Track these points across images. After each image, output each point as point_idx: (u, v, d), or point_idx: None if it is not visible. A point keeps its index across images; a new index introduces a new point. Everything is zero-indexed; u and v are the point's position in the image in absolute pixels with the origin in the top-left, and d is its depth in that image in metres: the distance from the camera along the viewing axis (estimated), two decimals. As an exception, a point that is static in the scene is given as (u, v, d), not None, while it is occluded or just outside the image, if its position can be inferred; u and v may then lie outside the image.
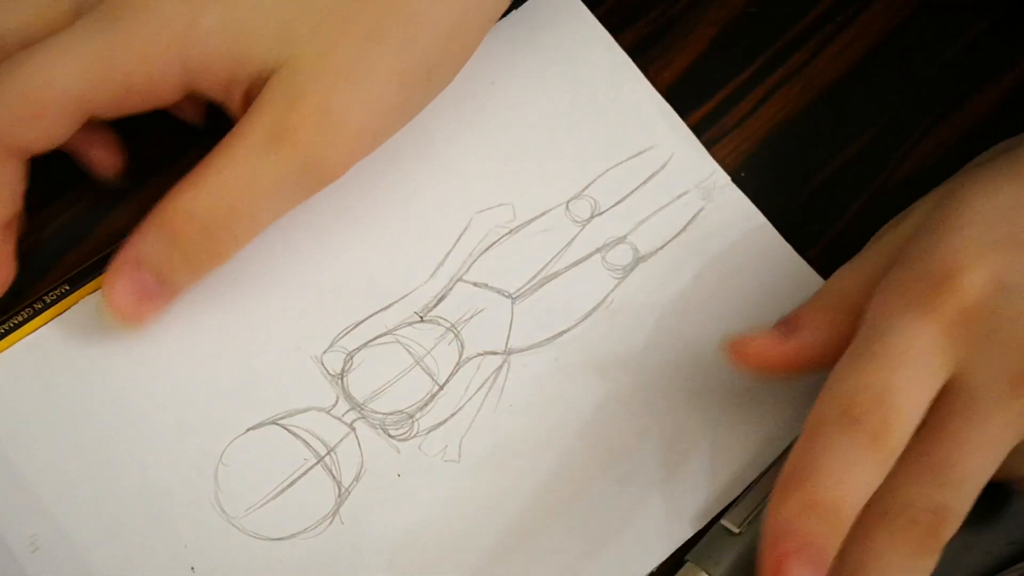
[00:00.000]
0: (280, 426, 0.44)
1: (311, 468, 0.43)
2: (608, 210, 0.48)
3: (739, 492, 0.44)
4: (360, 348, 0.45)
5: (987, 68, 0.52)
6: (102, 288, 0.43)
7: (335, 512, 0.43)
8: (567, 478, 0.44)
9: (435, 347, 0.45)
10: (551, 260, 0.47)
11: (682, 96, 0.50)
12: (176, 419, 0.44)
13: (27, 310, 0.44)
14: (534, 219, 0.48)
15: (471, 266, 0.47)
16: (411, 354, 0.45)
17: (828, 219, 0.49)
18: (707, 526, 0.44)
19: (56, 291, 0.45)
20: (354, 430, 0.44)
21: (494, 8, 0.45)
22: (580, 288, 0.47)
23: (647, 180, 0.49)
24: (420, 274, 0.46)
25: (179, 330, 0.45)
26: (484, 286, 0.46)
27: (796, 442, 0.38)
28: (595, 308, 0.47)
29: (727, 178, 0.49)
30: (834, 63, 0.51)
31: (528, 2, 0.51)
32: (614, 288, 0.47)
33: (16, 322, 0.44)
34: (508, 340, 0.46)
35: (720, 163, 0.49)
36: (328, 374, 0.45)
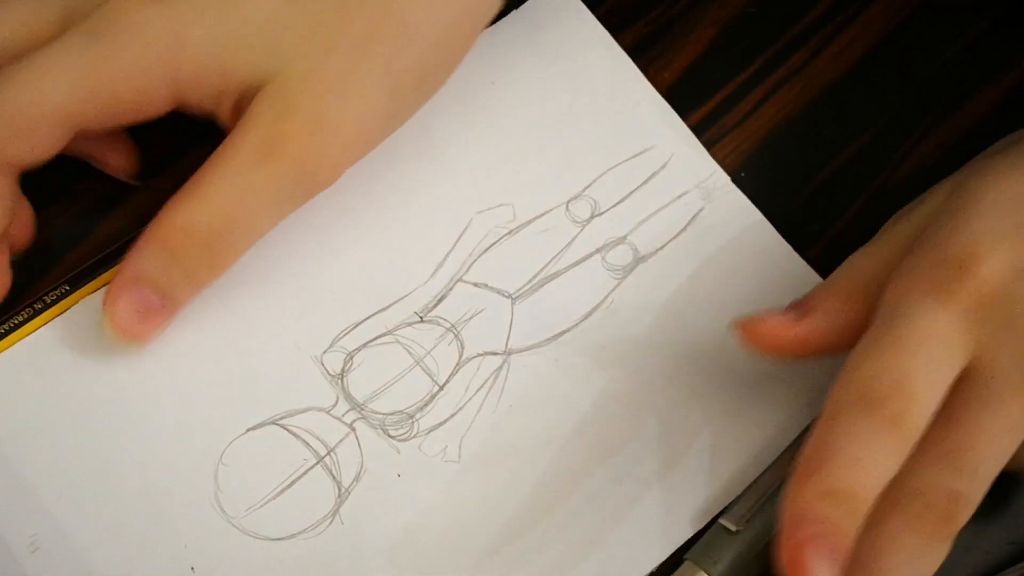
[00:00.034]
0: (280, 426, 0.44)
1: (311, 468, 0.43)
2: (608, 210, 0.48)
3: (739, 492, 0.44)
4: (360, 348, 0.45)
5: (987, 68, 0.52)
6: (103, 308, 0.42)
7: (335, 512, 0.43)
8: (567, 478, 0.44)
9: (435, 347, 0.45)
10: (551, 260, 0.47)
11: (682, 96, 0.50)
12: (176, 419, 0.44)
13: (27, 310, 0.44)
14: (534, 219, 0.48)
15: (471, 266, 0.47)
16: (411, 354, 0.45)
17: (828, 219, 0.49)
18: (707, 526, 0.44)
19: (56, 291, 0.44)
20: (354, 430, 0.44)
21: (484, 14, 0.45)
22: (580, 288, 0.47)
23: (647, 180, 0.49)
24: (420, 274, 0.46)
25: (179, 330, 0.44)
26: (484, 286, 0.46)
27: (813, 427, 0.38)
28: (595, 308, 0.47)
29: (727, 178, 0.49)
30: (834, 63, 0.51)
31: (528, 2, 0.51)
32: (614, 288, 0.47)
33: (16, 322, 0.44)
34: (508, 340, 0.46)
35: (720, 163, 0.49)
36: (328, 374, 0.45)
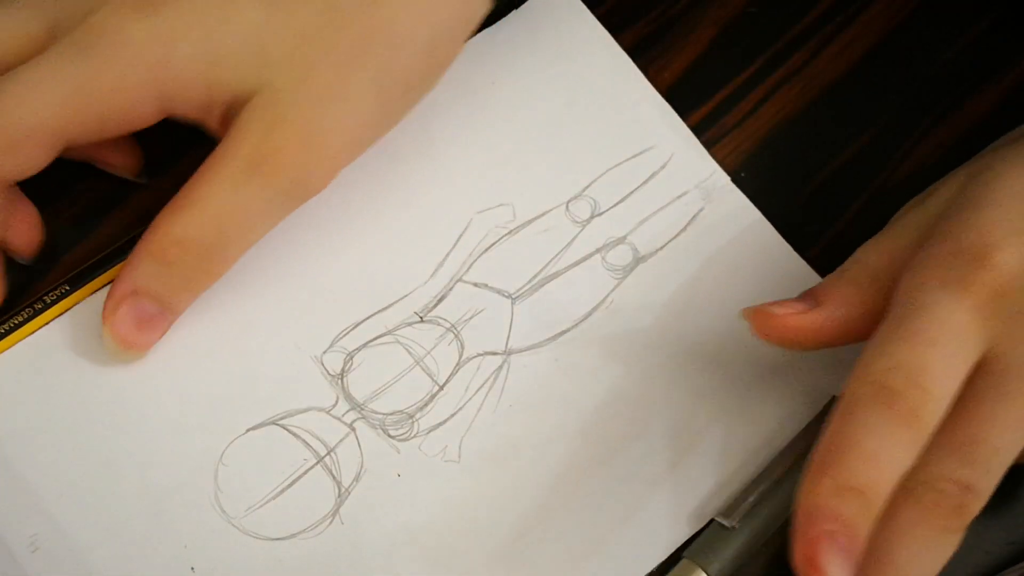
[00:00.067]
0: (280, 426, 0.44)
1: (311, 468, 0.43)
2: (608, 210, 0.48)
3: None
4: (360, 348, 0.45)
5: (987, 68, 0.52)
6: (103, 321, 0.43)
7: (335, 512, 0.43)
8: (567, 478, 0.44)
9: (435, 347, 0.45)
10: (551, 260, 0.47)
11: (682, 96, 0.50)
12: (176, 419, 0.44)
13: (27, 310, 0.44)
14: (534, 219, 0.48)
15: (471, 266, 0.47)
16: (411, 354, 0.45)
17: (828, 219, 0.49)
18: (708, 524, 0.44)
19: (56, 291, 0.44)
20: (354, 430, 0.44)
21: (473, 17, 0.45)
22: (580, 288, 0.47)
23: (647, 180, 0.49)
24: (420, 274, 0.46)
25: (180, 331, 0.44)
26: (484, 286, 0.46)
27: (823, 422, 0.38)
28: (595, 308, 0.47)
29: (727, 178, 0.49)
30: (834, 63, 0.51)
31: (528, 2, 0.51)
32: (614, 288, 0.47)
33: (16, 322, 0.44)
34: (508, 340, 0.46)
35: (720, 163, 0.49)
36: (328, 374, 0.45)
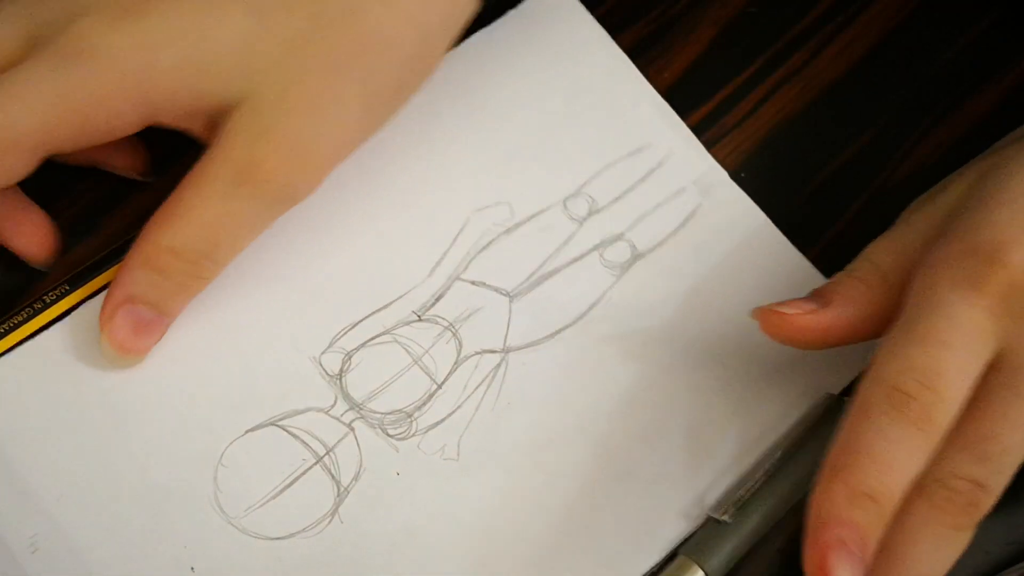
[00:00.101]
0: (279, 427, 0.44)
1: (310, 468, 0.43)
2: (606, 207, 0.48)
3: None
4: (358, 348, 0.45)
5: (987, 68, 0.52)
6: (101, 328, 0.43)
7: (334, 511, 0.43)
8: (566, 475, 0.44)
9: (433, 346, 0.45)
10: (549, 258, 0.47)
11: (682, 96, 0.50)
12: (175, 421, 0.44)
13: (27, 310, 0.44)
14: (532, 217, 0.48)
15: (469, 264, 0.47)
16: (409, 353, 0.45)
17: (828, 219, 0.49)
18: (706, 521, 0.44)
19: (56, 291, 0.45)
20: (353, 430, 0.44)
21: (458, 21, 0.44)
22: (578, 286, 0.47)
23: (645, 177, 0.49)
24: (418, 273, 0.46)
25: (178, 332, 0.45)
26: (482, 284, 0.46)
27: (842, 423, 0.38)
28: (593, 305, 0.47)
29: (725, 174, 0.49)
30: (834, 63, 0.51)
31: (525, 2, 0.51)
32: (612, 285, 0.47)
33: (16, 321, 0.44)
34: (506, 338, 0.46)
35: (720, 163, 0.49)
36: (326, 374, 0.45)
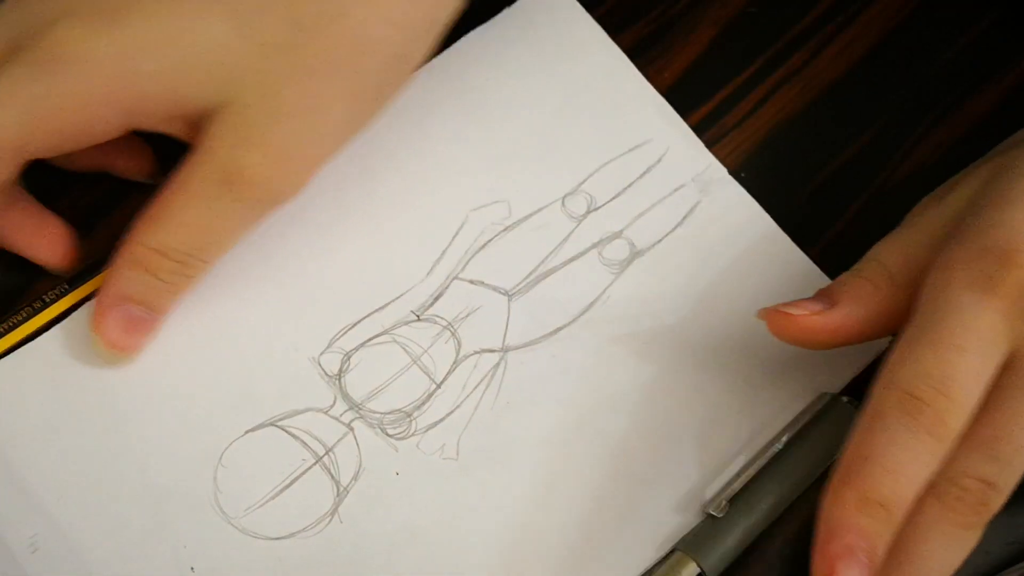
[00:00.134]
0: (278, 427, 0.44)
1: (310, 468, 0.43)
2: (604, 205, 0.48)
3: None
4: (357, 348, 0.45)
5: (987, 68, 0.52)
6: (93, 328, 0.43)
7: (334, 511, 0.43)
8: (564, 474, 0.44)
9: (432, 346, 0.45)
10: (547, 256, 0.47)
11: (682, 96, 0.50)
12: (175, 422, 0.44)
13: (27, 309, 0.44)
14: (530, 216, 0.48)
15: (467, 264, 0.47)
16: (408, 353, 0.45)
17: (828, 219, 0.49)
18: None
19: (56, 291, 0.45)
20: (352, 430, 0.44)
21: (442, 18, 0.44)
22: (577, 284, 0.47)
23: (643, 174, 0.49)
24: (416, 273, 0.46)
25: (177, 334, 0.45)
26: (480, 284, 0.46)
27: (854, 428, 0.38)
28: (592, 304, 0.46)
29: (724, 171, 0.49)
30: (834, 63, 0.51)
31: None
32: (611, 283, 0.47)
33: (16, 321, 0.44)
34: (505, 337, 0.46)
35: (720, 163, 0.49)
36: (325, 375, 0.45)
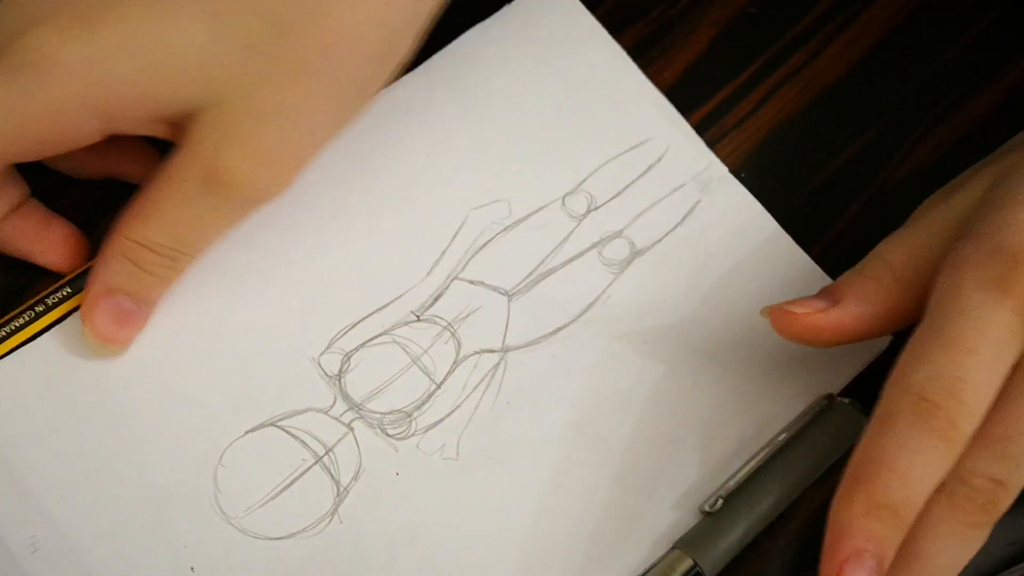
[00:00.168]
0: (278, 427, 0.44)
1: (310, 468, 0.43)
2: (604, 204, 0.48)
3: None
4: (357, 349, 0.45)
5: (987, 68, 0.52)
6: (83, 323, 0.43)
7: (334, 511, 0.43)
8: (564, 474, 0.44)
9: (432, 346, 0.45)
10: (547, 256, 0.47)
11: (682, 96, 0.50)
12: (175, 422, 0.44)
13: (28, 313, 0.44)
14: (530, 215, 0.47)
15: (467, 264, 0.47)
16: (408, 354, 0.45)
17: (828, 219, 0.49)
18: (704, 519, 0.44)
19: (57, 294, 0.45)
20: (352, 430, 0.44)
21: (425, 12, 0.43)
22: (577, 284, 0.47)
23: (644, 173, 0.48)
24: (416, 273, 0.46)
25: (177, 334, 0.45)
26: (480, 284, 0.46)
27: (865, 431, 0.38)
28: (592, 304, 0.46)
29: (724, 169, 0.49)
30: (834, 63, 0.51)
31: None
32: (611, 283, 0.47)
33: (17, 325, 0.44)
34: (505, 338, 0.46)
35: (721, 162, 0.49)
36: (325, 375, 0.45)
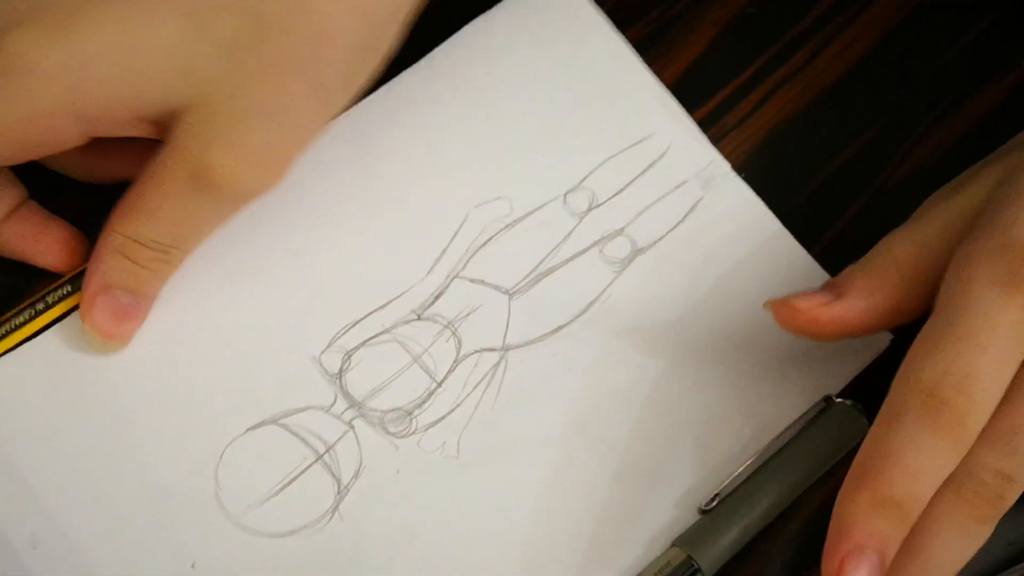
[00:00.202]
0: (279, 425, 0.44)
1: (310, 466, 0.43)
2: (606, 202, 0.48)
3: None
4: (358, 347, 0.45)
5: (987, 68, 0.52)
6: (82, 318, 0.43)
7: (334, 509, 0.43)
8: (564, 473, 0.44)
9: (432, 345, 0.45)
10: (548, 255, 0.47)
11: (682, 96, 0.50)
12: (176, 419, 0.44)
13: (29, 311, 0.44)
14: (531, 213, 0.47)
15: (468, 262, 0.47)
16: (409, 352, 0.45)
17: (828, 219, 0.49)
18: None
19: (58, 292, 0.45)
20: (353, 428, 0.44)
21: (405, 10, 0.43)
22: (578, 283, 0.47)
23: (646, 170, 0.48)
24: (417, 271, 0.46)
25: (178, 331, 0.45)
26: (481, 282, 0.46)
27: (873, 425, 0.38)
28: (592, 302, 0.46)
29: (727, 166, 0.49)
30: (834, 63, 0.51)
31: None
32: (612, 282, 0.47)
33: (18, 322, 0.44)
34: (505, 336, 0.46)
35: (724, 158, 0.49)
36: (326, 373, 0.45)
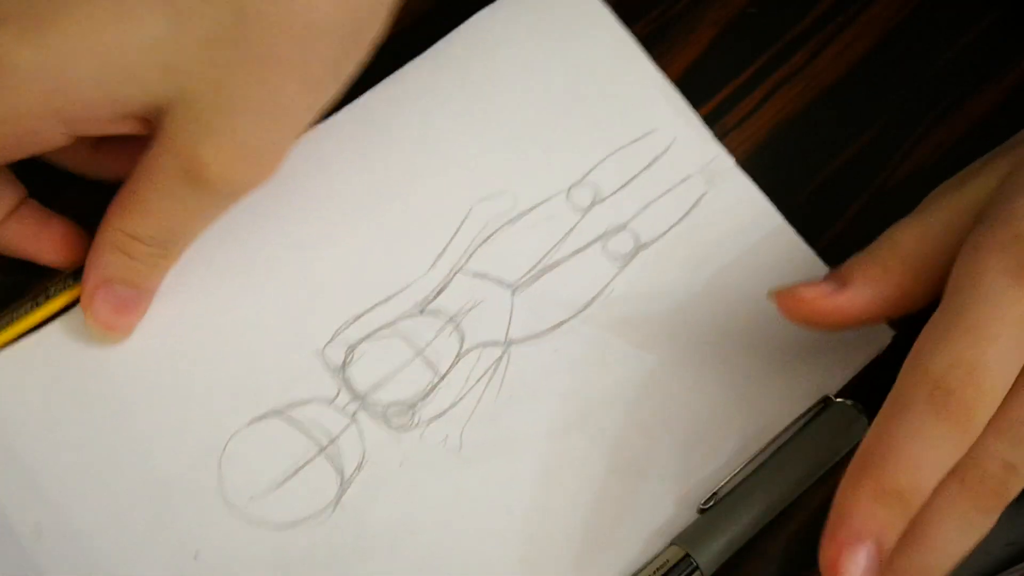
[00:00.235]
0: (282, 418, 0.44)
1: (313, 458, 0.44)
2: (610, 196, 0.48)
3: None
4: (361, 341, 0.45)
5: (987, 68, 0.52)
6: (84, 311, 0.43)
7: (337, 501, 0.43)
8: (567, 468, 0.44)
9: (435, 339, 0.45)
10: (551, 249, 0.47)
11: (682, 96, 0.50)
12: (180, 412, 0.44)
13: (31, 303, 0.44)
14: (535, 207, 0.47)
15: (471, 256, 0.47)
16: (411, 346, 0.45)
17: (828, 219, 0.49)
18: (704, 515, 0.44)
19: (60, 284, 0.45)
20: (356, 421, 0.44)
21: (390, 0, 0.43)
22: (580, 278, 0.47)
23: (649, 165, 0.48)
24: (420, 265, 0.46)
25: (182, 324, 0.45)
26: (484, 277, 0.46)
27: (878, 414, 0.38)
28: (595, 298, 0.47)
29: (731, 161, 0.49)
30: (834, 63, 0.51)
31: (527, -17, 0.51)
32: (614, 277, 0.47)
33: (20, 314, 0.44)
34: (508, 331, 0.46)
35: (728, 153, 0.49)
36: (330, 367, 0.45)
